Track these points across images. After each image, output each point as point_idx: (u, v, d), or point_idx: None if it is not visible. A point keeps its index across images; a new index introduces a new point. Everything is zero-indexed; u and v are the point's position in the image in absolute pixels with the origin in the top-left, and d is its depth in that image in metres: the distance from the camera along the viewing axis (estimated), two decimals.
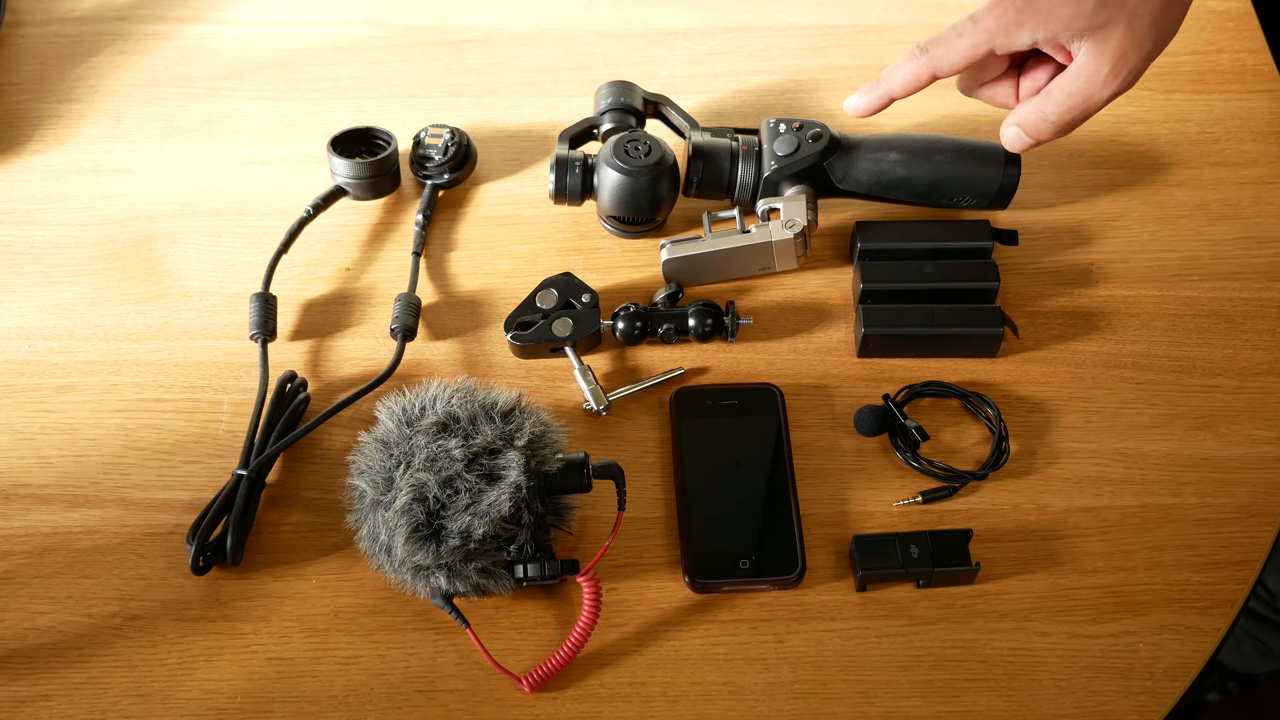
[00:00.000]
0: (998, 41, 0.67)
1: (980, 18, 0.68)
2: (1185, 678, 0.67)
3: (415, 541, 0.63)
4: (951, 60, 0.69)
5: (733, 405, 0.76)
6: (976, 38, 0.68)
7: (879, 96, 0.72)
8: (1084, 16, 0.65)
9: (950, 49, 0.68)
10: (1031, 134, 0.71)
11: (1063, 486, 0.74)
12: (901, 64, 0.70)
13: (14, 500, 0.74)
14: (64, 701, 0.67)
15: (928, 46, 0.69)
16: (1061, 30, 0.66)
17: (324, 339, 0.81)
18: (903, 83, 0.71)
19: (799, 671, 0.67)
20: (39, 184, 0.90)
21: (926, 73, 0.70)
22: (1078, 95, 0.68)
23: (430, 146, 0.87)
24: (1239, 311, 0.81)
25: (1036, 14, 0.66)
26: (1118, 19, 0.65)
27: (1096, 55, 0.66)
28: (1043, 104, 0.69)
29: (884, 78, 0.72)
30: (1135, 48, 0.66)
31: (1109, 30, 0.65)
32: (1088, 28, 0.65)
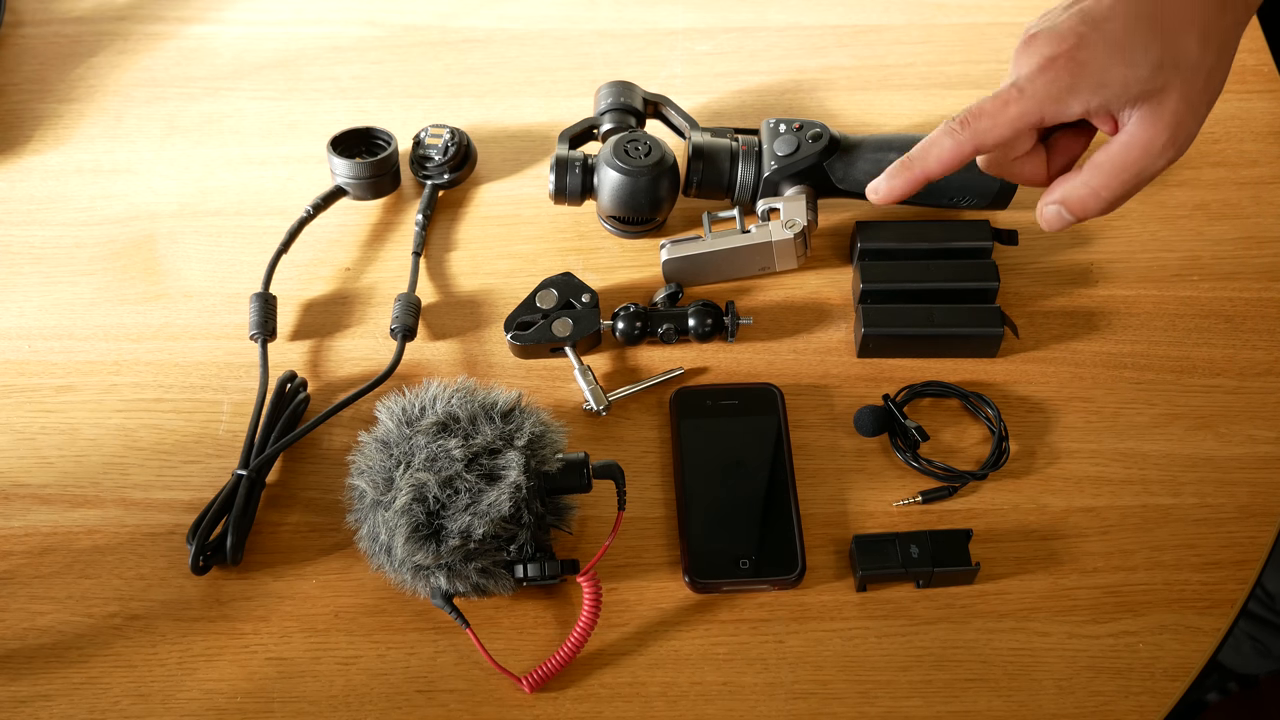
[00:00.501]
0: (1047, 111, 0.60)
1: (1026, 85, 0.60)
2: (1185, 678, 0.67)
3: (415, 541, 0.63)
4: (997, 134, 0.61)
5: (733, 405, 0.76)
6: (1025, 107, 0.60)
7: (912, 178, 0.63)
8: (1140, 81, 0.59)
9: (996, 121, 0.60)
10: (1077, 212, 0.63)
11: (1063, 486, 0.74)
12: (938, 139, 0.62)
13: (14, 500, 0.74)
14: (64, 701, 0.67)
15: (969, 120, 0.61)
16: (1115, 97, 0.59)
17: (324, 339, 0.81)
18: (941, 161, 0.62)
19: (799, 671, 0.67)
20: (39, 184, 0.90)
21: (969, 148, 0.61)
22: (1132, 167, 0.60)
23: (430, 146, 0.87)
24: (1239, 311, 0.81)
25: (1090, 79, 0.59)
26: (1174, 82, 0.59)
27: (1151, 122, 0.60)
28: (1091, 179, 0.62)
29: (918, 157, 0.63)
30: (1191, 112, 0.60)
31: (1165, 95, 0.59)
32: (1143, 93, 0.59)
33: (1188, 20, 0.59)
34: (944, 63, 0.96)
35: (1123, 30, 0.59)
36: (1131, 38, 0.59)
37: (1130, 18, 0.59)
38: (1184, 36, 0.59)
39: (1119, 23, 0.59)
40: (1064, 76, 0.59)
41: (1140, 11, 0.59)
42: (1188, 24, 0.59)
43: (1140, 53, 0.59)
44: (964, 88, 0.94)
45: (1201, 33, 0.59)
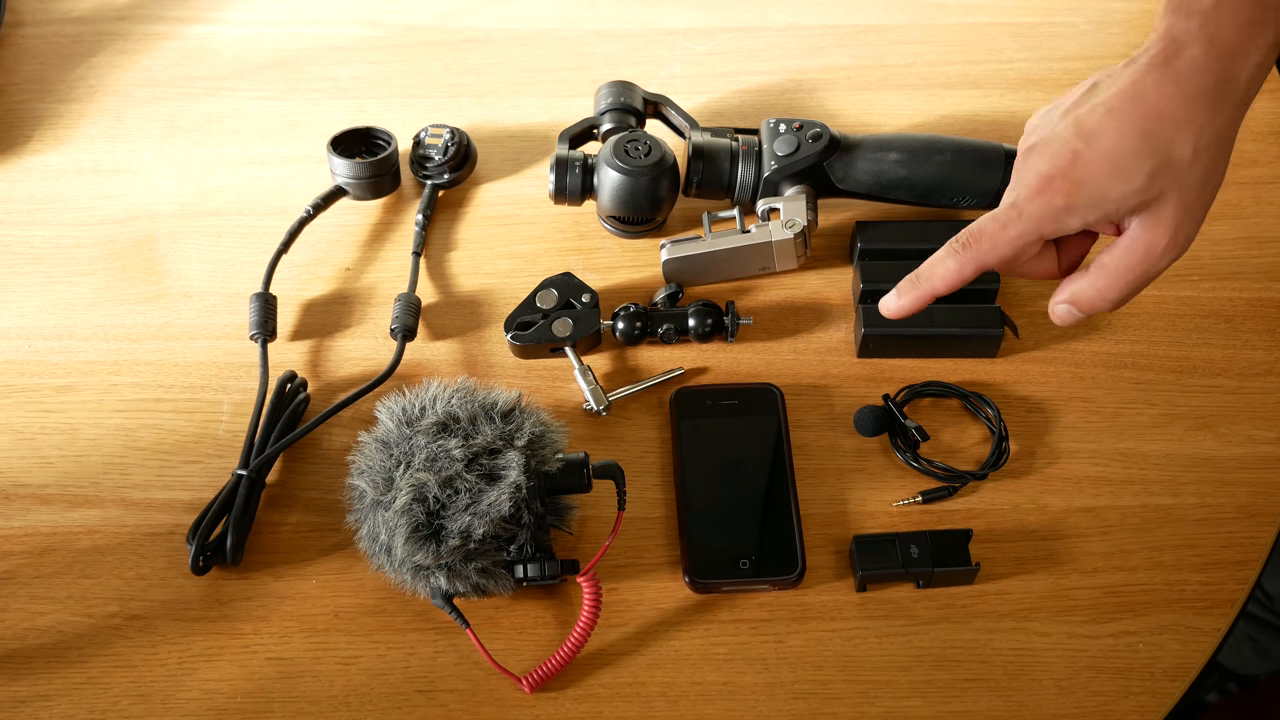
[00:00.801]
0: (1046, 230, 0.62)
1: (1024, 205, 0.61)
2: (1185, 678, 0.67)
3: (415, 541, 0.63)
4: (999, 254, 0.63)
5: (733, 405, 0.76)
6: (1024, 228, 0.62)
7: (919, 297, 0.65)
8: (1137, 193, 0.60)
9: (996, 243, 0.62)
10: (1086, 310, 0.65)
11: (1063, 486, 0.74)
12: (942, 260, 0.64)
13: (14, 500, 0.74)
14: (64, 701, 0.67)
15: (969, 241, 0.63)
16: (1113, 211, 0.61)
17: (324, 339, 0.81)
18: (946, 281, 0.64)
19: (799, 671, 0.67)
20: (39, 184, 0.90)
21: (971, 269, 0.63)
22: (1135, 269, 0.62)
23: (430, 146, 0.87)
24: (1239, 311, 0.81)
25: (1087, 198, 0.61)
26: (1170, 189, 0.60)
27: (1151, 228, 0.61)
28: (1096, 281, 0.63)
29: (924, 276, 0.64)
30: (1189, 214, 0.61)
31: (1162, 202, 0.60)
32: (1141, 204, 0.60)
33: (1180, 127, 0.60)
34: (944, 63, 0.96)
35: (1116, 145, 0.60)
36: (1125, 152, 0.60)
37: (1123, 131, 0.60)
38: (1177, 144, 0.60)
39: (1112, 137, 0.60)
40: (1060, 197, 0.61)
41: (1133, 124, 0.60)
42: (1180, 131, 0.60)
43: (1134, 167, 0.60)
44: (964, 88, 0.94)
45: (1195, 138, 0.60)
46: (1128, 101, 0.61)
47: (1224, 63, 0.60)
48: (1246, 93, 0.61)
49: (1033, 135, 0.65)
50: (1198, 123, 0.60)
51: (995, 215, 0.63)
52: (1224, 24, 0.60)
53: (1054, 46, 0.97)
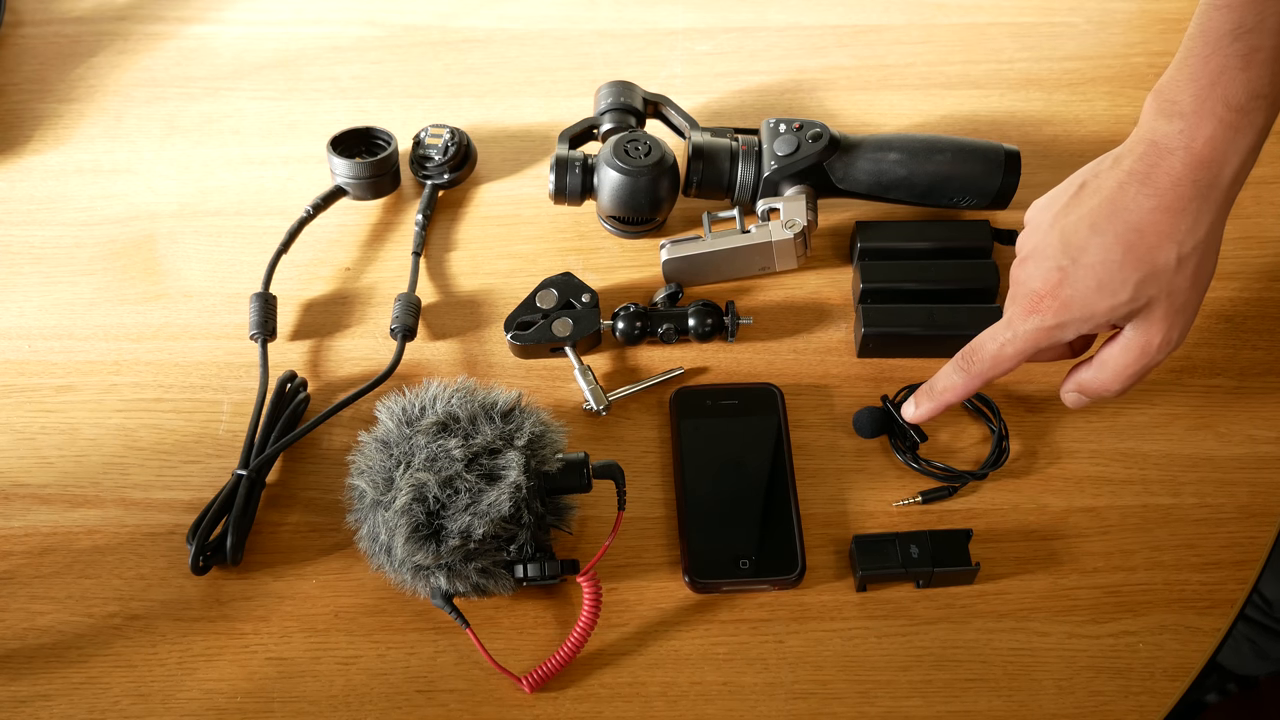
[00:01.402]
0: (1042, 345, 0.66)
1: (1017, 325, 0.66)
2: (1185, 678, 0.67)
3: (415, 541, 0.63)
4: (1000, 370, 0.68)
5: (733, 405, 0.76)
6: (1019, 348, 0.66)
7: (935, 407, 0.71)
8: (1125, 305, 0.63)
9: (997, 361, 0.67)
10: (1092, 397, 0.70)
11: (1063, 486, 0.74)
12: (950, 375, 0.70)
13: (14, 500, 0.74)
14: (64, 701, 0.67)
15: (971, 359, 0.68)
16: (1105, 321, 0.65)
17: (324, 339, 0.81)
18: (955, 394, 0.70)
19: (799, 671, 0.67)
20: (39, 184, 0.90)
21: (977, 384, 0.69)
22: (1134, 365, 0.66)
23: (430, 146, 0.87)
24: (1239, 311, 0.81)
25: (1076, 315, 0.64)
26: (1158, 296, 0.63)
27: (1144, 330, 0.65)
28: (1099, 374, 0.68)
29: (937, 390, 0.71)
30: (1180, 313, 0.64)
31: (1151, 308, 0.64)
32: (1130, 313, 0.64)
33: (1163, 239, 0.62)
34: (944, 63, 0.96)
35: (1100, 261, 0.63)
36: (1109, 268, 0.63)
37: (1107, 247, 0.63)
38: (1161, 255, 0.62)
39: (1097, 253, 0.63)
40: (1050, 317, 0.65)
41: (1116, 239, 0.63)
42: (1163, 242, 0.62)
43: (1120, 282, 0.63)
44: (964, 88, 0.94)
45: (1178, 247, 0.62)
46: (1109, 214, 0.63)
47: (1204, 171, 0.61)
48: (1229, 194, 0.63)
49: (1027, 240, 0.67)
50: (1180, 232, 0.62)
51: (994, 334, 0.67)
52: (1204, 132, 0.61)
53: (1054, 46, 0.97)
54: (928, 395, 0.72)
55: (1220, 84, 0.60)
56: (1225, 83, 0.60)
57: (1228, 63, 0.60)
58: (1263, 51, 0.60)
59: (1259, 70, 0.60)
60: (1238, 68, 0.60)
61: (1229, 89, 0.60)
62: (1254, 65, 0.60)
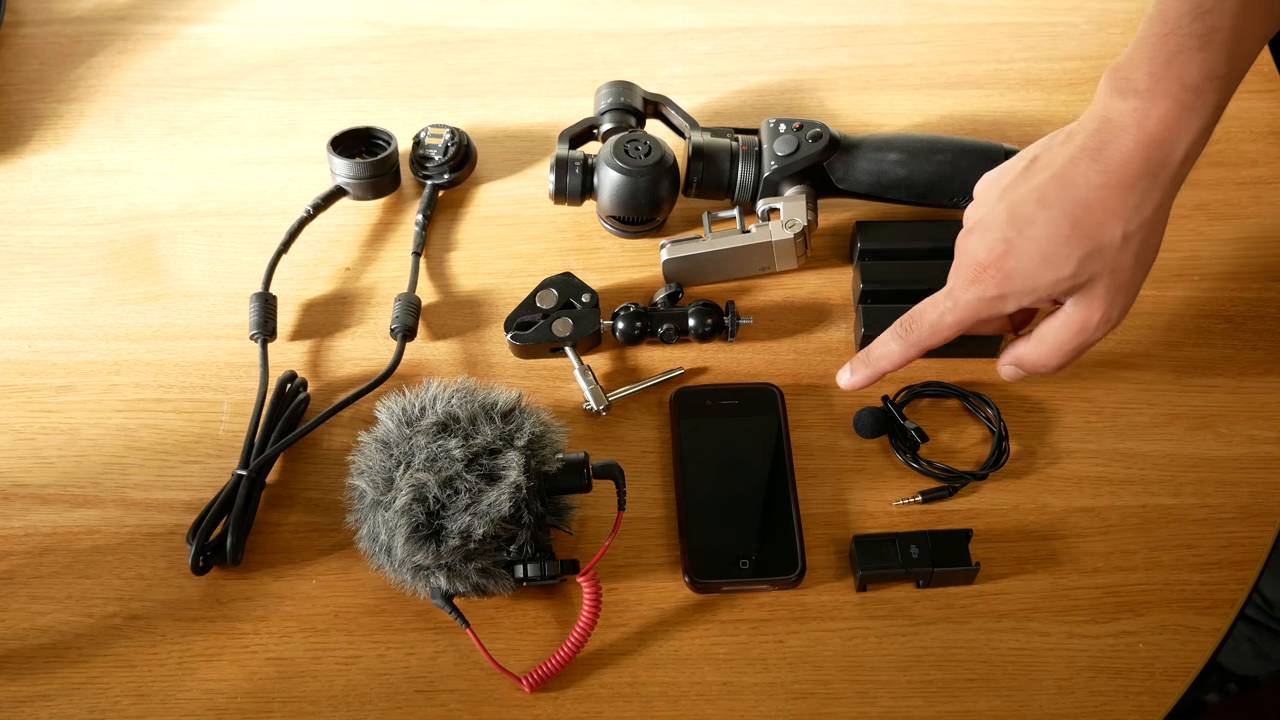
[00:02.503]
0: (981, 316, 0.66)
1: (959, 294, 0.66)
2: (1185, 678, 0.67)
3: (415, 541, 0.63)
4: (939, 338, 0.68)
5: (733, 405, 0.76)
6: (960, 317, 0.66)
7: (871, 375, 0.71)
8: (1067, 279, 0.63)
9: (936, 329, 0.67)
10: (1028, 371, 0.70)
11: (1063, 486, 0.74)
12: (887, 343, 0.69)
13: (14, 500, 0.74)
14: (64, 701, 0.67)
15: (911, 326, 0.68)
16: (1046, 296, 0.65)
17: (324, 339, 0.81)
18: (892, 362, 0.69)
19: (799, 671, 0.67)
20: (39, 184, 0.90)
21: (914, 353, 0.69)
22: (1071, 342, 0.66)
23: (430, 146, 0.87)
24: (1239, 311, 0.81)
25: (1019, 287, 0.64)
26: (1101, 273, 0.63)
27: (1084, 306, 0.65)
28: (1037, 349, 0.68)
29: (874, 358, 0.70)
30: (1121, 292, 0.64)
31: (1094, 284, 0.64)
32: (1072, 288, 0.64)
33: (1109, 215, 0.62)
34: (944, 63, 0.96)
35: (1046, 235, 0.63)
36: (1055, 242, 0.63)
37: (1053, 220, 0.63)
38: (1106, 230, 0.62)
39: (1042, 228, 0.63)
40: (993, 287, 0.64)
41: (1063, 213, 0.63)
42: (1110, 218, 0.62)
43: (1064, 256, 0.63)
44: (964, 88, 0.94)
45: (1124, 224, 0.62)
46: (1058, 188, 0.63)
47: (1155, 149, 0.61)
48: (1178, 174, 0.62)
49: (974, 211, 0.67)
50: (1127, 210, 0.62)
51: (935, 302, 0.67)
52: (1157, 110, 0.61)
53: (1054, 46, 0.97)
54: (863, 363, 0.71)
55: (1176, 63, 0.60)
56: (1181, 62, 0.60)
57: (1185, 43, 0.60)
58: (1220, 32, 0.60)
59: (1216, 51, 0.60)
60: (1194, 48, 0.60)
61: (1185, 68, 0.60)
62: (1211, 46, 0.60)
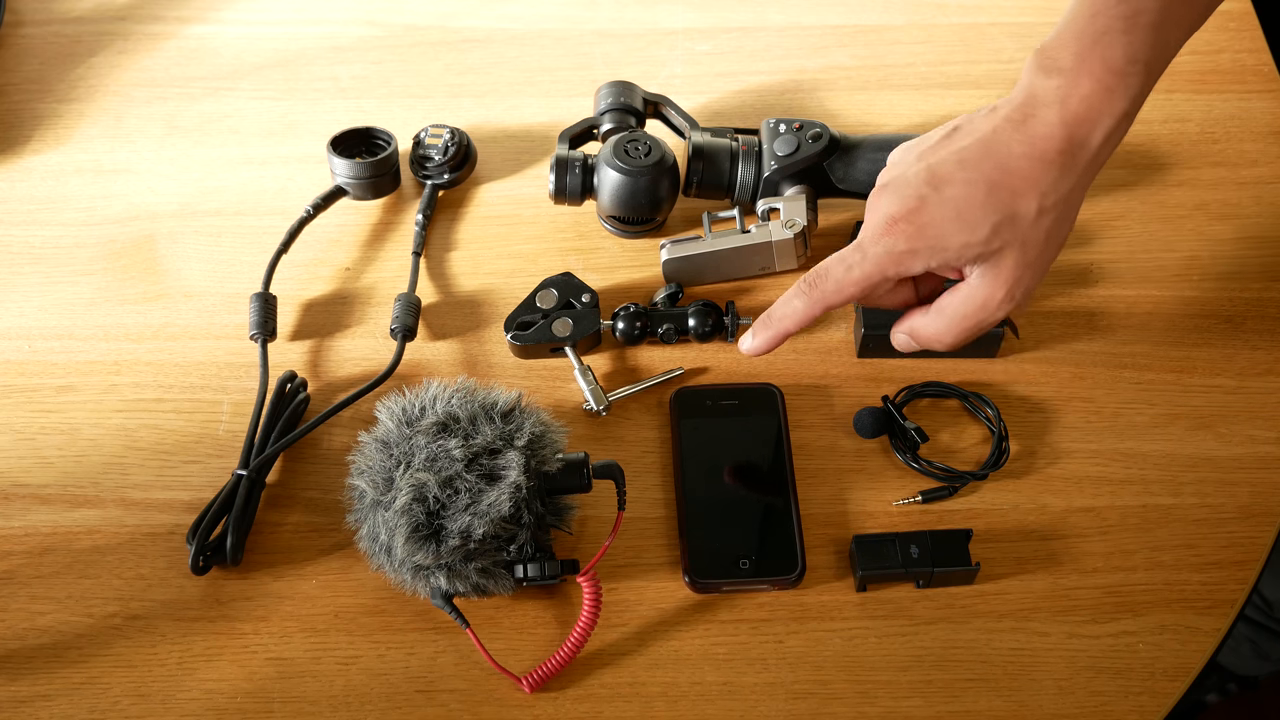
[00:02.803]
0: (889, 272, 0.64)
1: (868, 247, 0.64)
2: (1185, 678, 0.67)
3: (415, 541, 0.63)
4: (845, 295, 0.65)
5: (733, 405, 0.76)
6: (866, 270, 0.64)
7: (773, 336, 0.68)
8: (978, 244, 0.62)
9: (841, 285, 0.65)
10: (922, 344, 0.69)
11: (1063, 486, 0.74)
12: (790, 299, 0.66)
13: (14, 500, 0.74)
14: (64, 701, 0.67)
15: (815, 282, 0.65)
16: (955, 258, 0.63)
17: (324, 339, 0.81)
18: (796, 320, 0.67)
19: (799, 671, 0.67)
20: (39, 184, 0.90)
21: (819, 309, 0.66)
22: (971, 319, 0.65)
23: (430, 146, 0.87)
24: (1239, 311, 0.81)
25: (929, 243, 0.63)
26: (1011, 245, 0.62)
27: (990, 279, 0.64)
28: (935, 321, 0.67)
29: (775, 316, 0.67)
30: (1029, 269, 0.63)
31: (1002, 256, 0.63)
32: (981, 255, 0.63)
33: (1027, 185, 0.62)
34: (944, 63, 0.96)
35: (963, 195, 0.62)
36: (970, 204, 0.62)
37: (971, 182, 0.62)
38: (1022, 202, 0.62)
39: (959, 187, 0.62)
40: (903, 241, 0.63)
41: (982, 175, 0.62)
42: (1027, 189, 0.62)
43: (978, 218, 0.62)
44: (964, 88, 0.94)
45: (1040, 198, 0.62)
46: (980, 154, 0.63)
47: (1076, 129, 0.61)
48: (1098, 156, 0.62)
49: (890, 172, 0.66)
50: (1044, 184, 0.62)
51: (842, 256, 0.65)
52: (1080, 90, 0.61)
53: None
54: (765, 324, 0.68)
55: (1101, 44, 0.61)
56: (1106, 44, 0.60)
57: (1111, 24, 0.61)
58: (1145, 15, 0.60)
59: (1140, 35, 0.60)
60: (1120, 30, 0.60)
61: (1109, 50, 0.60)
62: (1136, 29, 0.60)
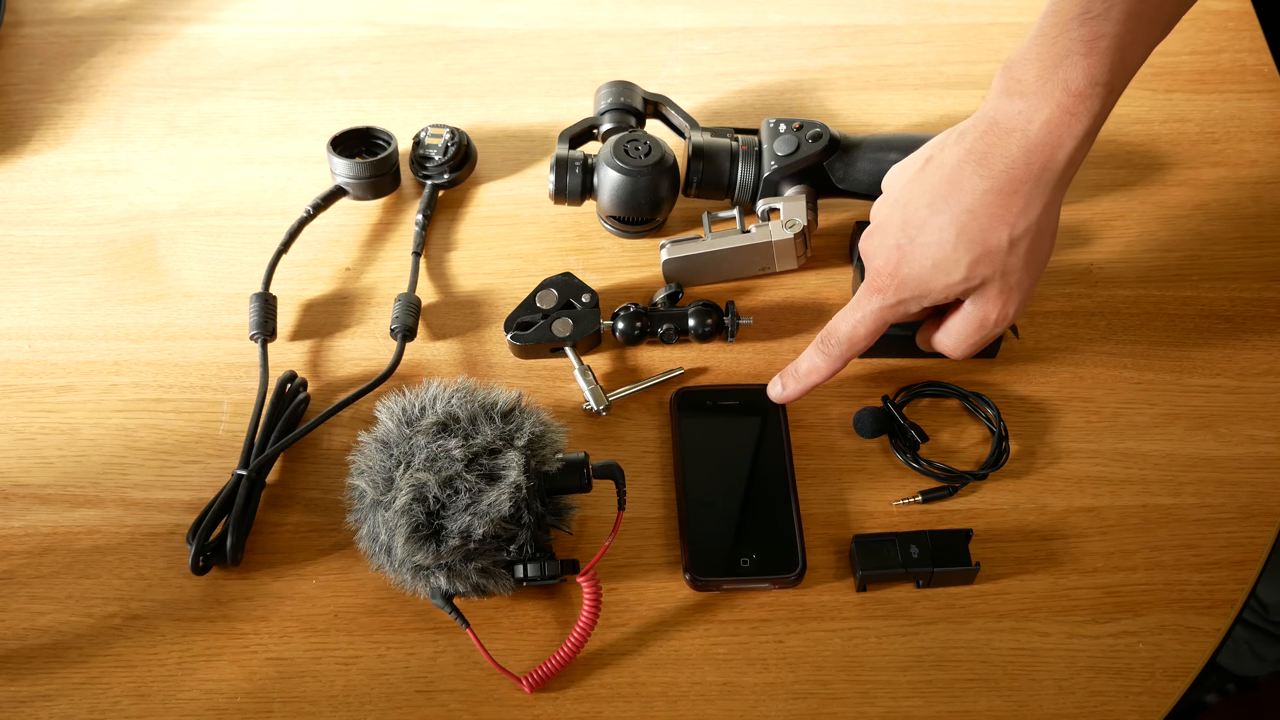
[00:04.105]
0: (889, 319, 0.69)
1: (864, 304, 0.69)
2: (1185, 678, 0.67)
3: (415, 541, 0.63)
4: (858, 349, 0.71)
5: (733, 405, 0.76)
6: (871, 326, 0.70)
7: (802, 389, 0.73)
8: (960, 283, 0.66)
9: (852, 342, 0.70)
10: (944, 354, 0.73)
11: (1063, 486, 0.74)
12: (812, 358, 0.72)
13: (14, 500, 0.74)
14: (64, 701, 0.67)
15: (830, 342, 0.71)
16: (942, 297, 0.67)
17: (324, 339, 0.81)
18: (820, 375, 0.72)
19: (799, 671, 0.67)
20: (39, 184, 0.90)
21: (839, 364, 0.72)
22: (974, 335, 0.69)
23: (430, 146, 0.87)
24: (1239, 311, 0.81)
25: (914, 293, 0.67)
26: (991, 276, 0.66)
27: (980, 306, 0.68)
28: (943, 338, 0.71)
29: (802, 373, 0.73)
30: (1015, 291, 0.67)
31: (985, 288, 0.66)
32: (965, 290, 0.67)
33: (994, 221, 0.64)
34: (944, 63, 0.96)
35: (935, 242, 0.65)
36: (944, 249, 0.65)
37: (942, 228, 0.65)
38: (992, 235, 0.64)
39: (932, 233, 0.65)
40: (891, 295, 0.68)
41: (951, 219, 0.64)
42: (994, 225, 0.64)
43: (953, 263, 0.65)
44: (964, 88, 0.94)
45: (1009, 230, 0.64)
46: (945, 196, 0.65)
47: (1038, 155, 0.63)
48: (1063, 177, 0.64)
49: (878, 211, 0.70)
50: (1011, 215, 0.64)
51: (846, 317, 0.70)
52: (1041, 115, 0.62)
53: None
54: (793, 378, 0.73)
55: (1063, 67, 0.61)
56: (1068, 67, 0.61)
57: (1072, 46, 0.61)
58: (1105, 39, 0.60)
59: (1099, 58, 0.60)
60: (1080, 53, 0.60)
61: (1070, 73, 0.61)
62: (1095, 52, 0.60)
